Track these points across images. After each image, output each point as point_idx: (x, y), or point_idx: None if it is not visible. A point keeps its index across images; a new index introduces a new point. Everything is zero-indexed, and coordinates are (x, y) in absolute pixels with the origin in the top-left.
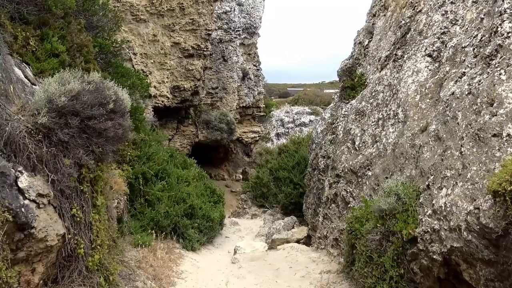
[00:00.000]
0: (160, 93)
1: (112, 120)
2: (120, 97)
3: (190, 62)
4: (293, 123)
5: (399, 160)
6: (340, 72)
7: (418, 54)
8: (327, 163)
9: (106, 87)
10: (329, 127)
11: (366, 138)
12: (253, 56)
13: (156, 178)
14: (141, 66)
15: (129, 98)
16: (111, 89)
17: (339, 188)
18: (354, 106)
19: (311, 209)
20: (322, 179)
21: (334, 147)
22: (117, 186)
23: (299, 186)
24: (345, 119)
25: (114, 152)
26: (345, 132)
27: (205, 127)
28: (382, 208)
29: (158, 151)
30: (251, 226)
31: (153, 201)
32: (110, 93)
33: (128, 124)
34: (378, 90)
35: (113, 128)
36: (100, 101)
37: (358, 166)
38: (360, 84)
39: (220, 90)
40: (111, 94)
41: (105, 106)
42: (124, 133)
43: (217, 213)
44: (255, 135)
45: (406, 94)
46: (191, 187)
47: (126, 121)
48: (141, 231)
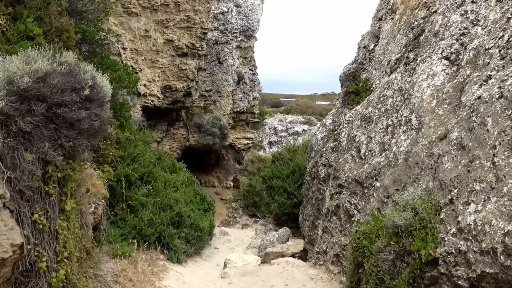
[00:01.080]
0: (150, 92)
1: (88, 109)
2: (99, 83)
3: (183, 61)
4: (286, 131)
5: (413, 171)
6: (342, 77)
7: (433, 56)
8: (328, 172)
9: (82, 70)
10: (331, 134)
11: (373, 146)
12: (249, 60)
13: (140, 181)
14: (130, 62)
15: (109, 86)
16: (88, 73)
17: (341, 199)
18: (359, 112)
19: (309, 221)
20: (323, 189)
21: (336, 155)
22: (95, 189)
23: (293, 196)
24: (349, 125)
25: (90, 148)
26: (349, 140)
27: (196, 130)
28: (397, 224)
29: (144, 152)
30: (242, 237)
31: (136, 207)
32: (86, 77)
33: (107, 116)
34: (387, 95)
35: (88, 119)
36: (73, 85)
37: (364, 176)
38: (365, 89)
39: (214, 93)
40: (88, 78)
41: (79, 92)
42: (102, 126)
43: (207, 222)
44: (248, 141)
45: (421, 99)
46: (179, 193)
47: (104, 112)
48: (121, 240)
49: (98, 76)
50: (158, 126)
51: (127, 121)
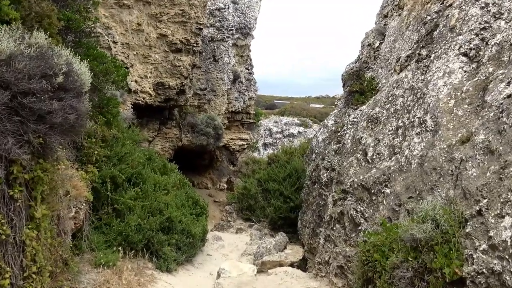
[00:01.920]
0: (142, 88)
1: (61, 100)
2: (75, 70)
3: (177, 58)
4: (281, 133)
5: (430, 177)
6: (345, 76)
7: (450, 53)
8: (331, 176)
9: (56, 54)
10: (333, 135)
11: (382, 149)
12: (245, 59)
13: (128, 183)
14: (121, 56)
15: (88, 73)
16: (63, 57)
17: (346, 206)
18: (365, 113)
19: (309, 228)
20: (325, 195)
21: (340, 158)
22: (76, 191)
23: (289, 200)
24: (353, 126)
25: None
26: (354, 142)
27: (190, 130)
28: (415, 237)
29: (133, 152)
30: (236, 242)
31: (123, 211)
32: (60, 62)
33: (85, 109)
34: (396, 94)
35: (62, 112)
36: (44, 71)
37: (372, 182)
38: (371, 89)
39: (208, 92)
40: (61, 63)
41: (50, 79)
42: (79, 120)
43: (200, 227)
44: (243, 142)
45: (437, 98)
46: (170, 196)
47: (82, 104)
48: (106, 247)
49: (76, 62)
50: (149, 125)
51: (114, 118)
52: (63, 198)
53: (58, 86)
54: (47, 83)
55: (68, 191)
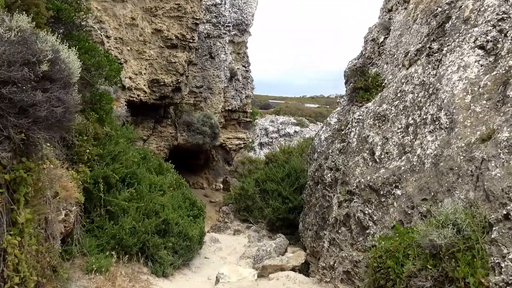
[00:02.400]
0: (136, 85)
1: (47, 91)
2: (63, 57)
3: (172, 54)
4: (277, 133)
5: (446, 177)
6: (348, 72)
7: (464, 45)
8: (336, 176)
9: (40, 39)
10: (336, 134)
11: (390, 148)
12: (242, 56)
13: (122, 184)
14: (115, 52)
15: (77, 62)
16: (48, 42)
17: (352, 208)
18: (371, 110)
19: (312, 231)
20: (329, 196)
21: (344, 158)
22: (66, 192)
23: (288, 201)
24: (359, 124)
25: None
26: (360, 140)
27: (186, 129)
28: (435, 243)
29: (127, 150)
30: (234, 244)
31: (116, 213)
32: (45, 48)
33: (74, 102)
34: (405, 90)
35: (47, 104)
36: (26, 58)
37: (381, 182)
38: (376, 86)
39: (204, 90)
40: (47, 50)
41: (34, 67)
42: (67, 114)
43: (197, 230)
44: (240, 142)
45: (451, 94)
46: (166, 197)
47: (70, 96)
48: (98, 251)
49: (63, 50)
50: (144, 123)
51: (107, 115)
52: (51, 200)
53: (42, 75)
54: (29, 71)
55: (57, 192)
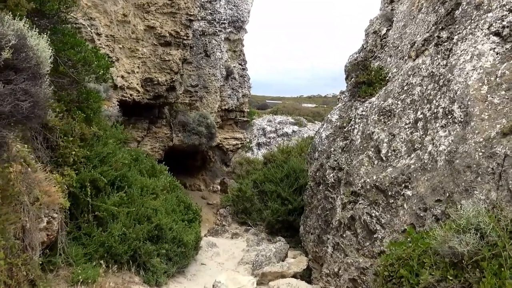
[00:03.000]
0: (129, 84)
1: (10, 82)
2: (30, 44)
3: (166, 52)
4: (275, 132)
5: (462, 176)
6: (349, 67)
7: (477, 33)
8: (339, 176)
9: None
10: (338, 131)
11: (398, 145)
12: (238, 54)
13: (111, 187)
14: (106, 50)
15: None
16: (10, 26)
17: (357, 210)
18: (375, 105)
19: (314, 235)
20: (332, 197)
21: (348, 156)
22: (48, 198)
23: (288, 202)
24: (362, 121)
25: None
26: (364, 138)
27: (181, 129)
28: (456, 251)
29: (116, 152)
30: (232, 249)
31: (105, 218)
32: (7, 31)
33: (45, 95)
34: (413, 83)
35: (11, 98)
36: None
37: (388, 182)
38: (379, 80)
39: (200, 89)
40: (9, 33)
41: None
42: (35, 109)
43: (192, 235)
44: (237, 142)
45: (465, 85)
46: (159, 201)
47: (39, 89)
48: (86, 261)
49: (32, 36)
50: (138, 123)
51: (95, 114)
52: (30, 206)
53: (4, 64)
54: None
55: (37, 198)
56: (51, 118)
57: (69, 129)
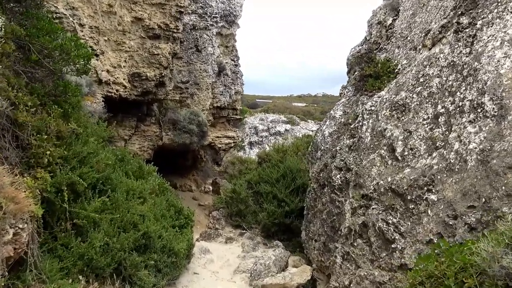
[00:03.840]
0: (115, 79)
1: None
2: None
3: (155, 45)
4: (267, 131)
5: (502, 179)
6: (352, 60)
7: (506, 16)
8: (346, 177)
9: None
10: (343, 128)
11: (416, 143)
12: (231, 49)
13: (93, 191)
14: (90, 42)
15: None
16: None
17: (370, 216)
18: (386, 99)
19: (319, 242)
20: (339, 201)
21: (356, 156)
22: (15, 206)
23: (284, 204)
24: (372, 116)
25: None
26: (375, 135)
27: (171, 127)
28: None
29: (99, 151)
30: (227, 255)
31: (85, 227)
32: None
33: None
34: (430, 74)
35: None
36: None
37: (407, 185)
38: (387, 72)
39: (191, 85)
40: None
41: None
42: None
43: (184, 242)
44: (230, 141)
45: (496, 74)
46: (147, 206)
47: None
48: (62, 276)
49: None
50: (125, 121)
51: (74, 109)
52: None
53: None
54: None
55: (1, 206)
56: (21, 113)
57: (43, 126)
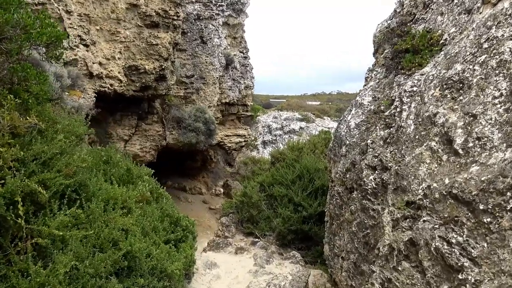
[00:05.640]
0: (108, 73)
1: None
2: None
3: (153, 34)
4: (281, 129)
5: None
6: (379, 36)
7: None
8: (383, 179)
9: None
10: (375, 117)
11: (485, 130)
12: (239, 41)
13: (60, 202)
14: (79, 31)
15: None
16: None
17: (421, 231)
18: (434, 76)
19: (347, 261)
20: (374, 209)
21: (395, 151)
22: None
23: (301, 208)
24: (415, 99)
25: None
26: (421, 122)
27: (175, 126)
28: None
29: (70, 151)
30: (236, 269)
31: (48, 248)
32: None
33: None
34: (498, 36)
35: None
36: None
37: (476, 189)
38: (429, 45)
39: (196, 80)
40: None
41: None
42: None
43: (180, 261)
44: (241, 139)
45: None
46: (133, 218)
47: None
48: None
49: None
50: (125, 120)
51: (38, 99)
52: None
53: None
54: None
55: None
56: None
57: None
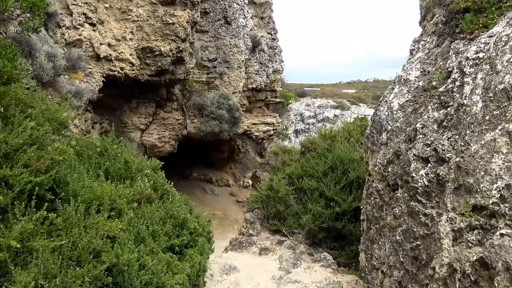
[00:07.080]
0: (118, 55)
1: None
2: None
3: (169, 12)
4: (314, 118)
5: None
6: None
7: None
8: (439, 174)
9: None
10: (424, 95)
11: None
12: (267, 21)
13: (27, 204)
14: (84, 8)
15: None
16: None
17: (498, 248)
18: (510, 36)
19: (390, 278)
20: (427, 214)
21: (456, 137)
22: None
23: (334, 203)
24: (481, 69)
25: None
26: (492, 98)
27: (197, 114)
28: None
29: (44, 140)
30: (259, 274)
31: (6, 263)
32: None
33: None
34: None
35: None
36: None
37: None
38: (496, 1)
39: (219, 64)
40: None
41: None
42: None
43: (184, 272)
44: (269, 128)
45: None
46: (124, 222)
47: None
48: None
49: None
50: (141, 108)
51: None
52: None
53: None
54: None
55: None
56: None
57: None
